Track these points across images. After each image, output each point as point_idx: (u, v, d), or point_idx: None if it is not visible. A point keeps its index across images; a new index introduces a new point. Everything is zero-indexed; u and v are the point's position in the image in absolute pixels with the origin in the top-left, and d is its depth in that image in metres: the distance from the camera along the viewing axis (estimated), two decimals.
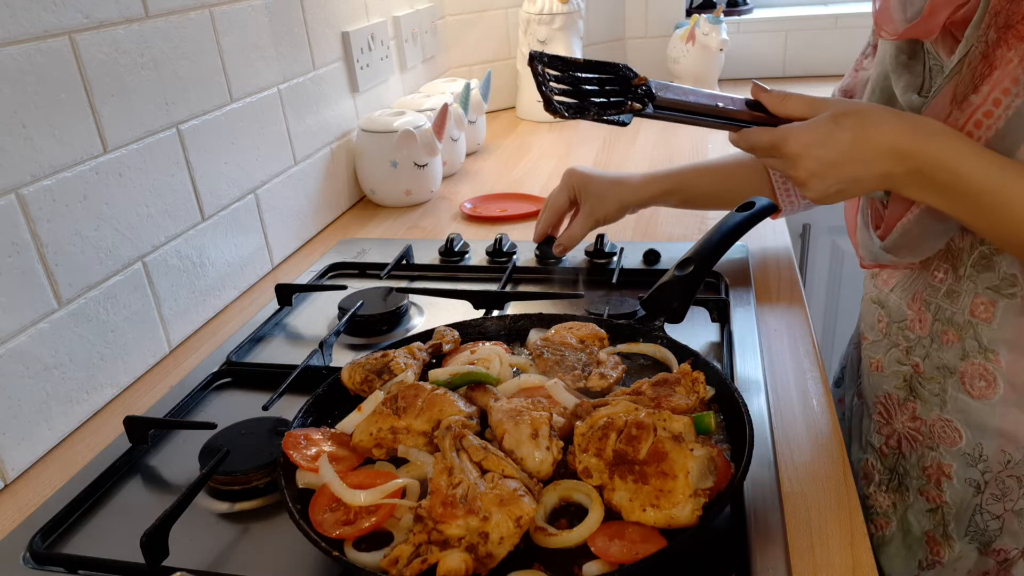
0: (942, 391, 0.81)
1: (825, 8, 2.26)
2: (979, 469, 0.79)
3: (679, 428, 0.62)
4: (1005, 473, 0.78)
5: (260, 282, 1.19)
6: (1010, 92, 0.65)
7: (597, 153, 1.72)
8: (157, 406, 0.88)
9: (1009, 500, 0.78)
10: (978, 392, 0.78)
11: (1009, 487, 0.78)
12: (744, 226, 0.89)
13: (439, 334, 0.85)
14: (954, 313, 0.78)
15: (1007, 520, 0.79)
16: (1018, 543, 0.78)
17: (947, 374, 0.80)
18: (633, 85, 0.74)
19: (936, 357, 0.81)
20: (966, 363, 0.78)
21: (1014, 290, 0.73)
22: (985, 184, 0.65)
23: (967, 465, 0.80)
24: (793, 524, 0.66)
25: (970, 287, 0.76)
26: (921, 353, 0.83)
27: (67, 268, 0.83)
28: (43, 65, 0.80)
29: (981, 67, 0.67)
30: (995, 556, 0.80)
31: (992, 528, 0.80)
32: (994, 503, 0.79)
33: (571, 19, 1.91)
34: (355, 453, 0.70)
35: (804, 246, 1.69)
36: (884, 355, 0.89)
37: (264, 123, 1.19)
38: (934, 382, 0.82)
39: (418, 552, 0.57)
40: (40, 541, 0.68)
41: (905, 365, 0.85)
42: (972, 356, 0.78)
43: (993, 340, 0.75)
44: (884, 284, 0.89)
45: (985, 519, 0.80)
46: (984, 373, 0.77)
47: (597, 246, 1.15)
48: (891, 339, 0.87)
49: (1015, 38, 0.65)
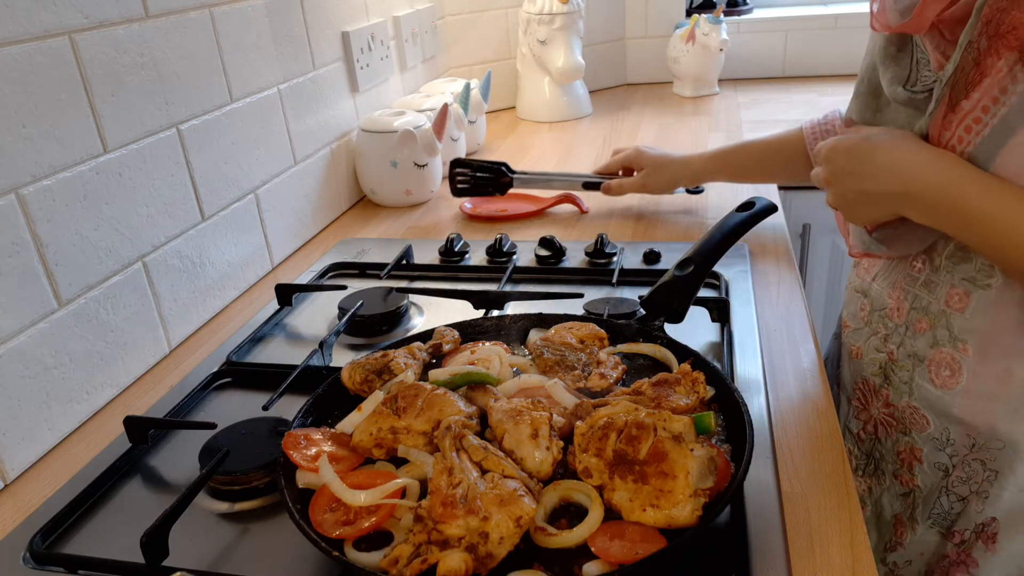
0: (910, 379, 0.84)
1: (825, 8, 2.26)
2: (947, 453, 0.82)
3: (679, 428, 0.62)
4: (971, 456, 0.80)
5: (260, 282, 1.19)
6: (998, 100, 0.67)
7: (598, 153, 1.73)
8: (157, 406, 0.88)
9: (974, 482, 0.80)
10: (941, 381, 0.80)
11: (975, 469, 0.80)
12: (744, 226, 0.89)
13: (439, 334, 0.85)
14: (930, 302, 0.81)
15: (970, 501, 0.81)
16: (970, 524, 0.81)
17: (916, 362, 0.83)
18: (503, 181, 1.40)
19: (908, 345, 0.84)
20: (935, 351, 0.80)
21: (990, 281, 0.75)
22: (986, 209, 0.67)
23: (936, 449, 0.83)
24: (793, 524, 0.66)
25: (947, 278, 0.79)
26: (896, 341, 0.85)
27: (67, 268, 0.83)
28: (43, 65, 0.80)
29: (973, 74, 0.69)
30: (953, 539, 0.82)
31: (955, 511, 0.82)
32: (960, 485, 0.82)
33: (571, 19, 1.91)
34: (355, 453, 0.70)
35: (804, 246, 1.69)
36: (864, 342, 0.91)
37: (264, 123, 1.19)
38: (904, 370, 0.84)
39: (418, 552, 0.57)
40: (40, 541, 0.68)
41: (882, 352, 0.88)
42: (941, 345, 0.80)
43: (964, 330, 0.77)
44: (866, 273, 0.91)
45: (951, 500, 0.82)
46: (950, 362, 0.79)
47: (597, 246, 1.15)
48: (872, 327, 0.89)
49: (1005, 47, 0.66)
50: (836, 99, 1.95)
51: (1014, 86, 0.66)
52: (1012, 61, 0.66)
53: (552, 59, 1.93)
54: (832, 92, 2.08)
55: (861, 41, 0.95)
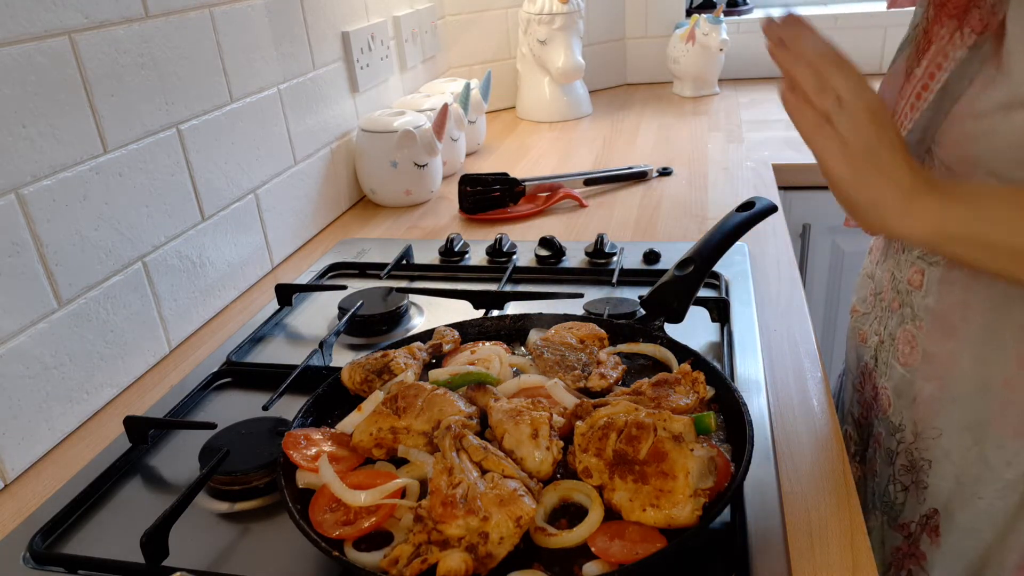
0: (886, 358, 0.85)
1: (825, 8, 2.25)
2: (896, 439, 0.83)
3: (679, 428, 0.62)
4: (915, 445, 0.81)
5: (260, 282, 1.19)
6: (941, 67, 0.69)
7: (598, 152, 1.73)
8: (157, 406, 0.88)
9: (913, 471, 0.81)
10: (904, 359, 0.82)
11: (915, 458, 0.81)
12: (744, 226, 0.88)
13: (439, 334, 0.85)
14: (899, 281, 0.82)
15: (911, 491, 0.81)
16: (915, 515, 0.81)
17: (890, 341, 0.84)
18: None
19: (888, 325, 0.85)
20: (901, 329, 0.82)
21: (937, 257, 0.76)
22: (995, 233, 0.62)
23: (888, 434, 0.84)
24: (793, 524, 0.66)
25: (909, 256, 0.80)
26: (884, 321, 0.86)
27: (67, 268, 0.83)
28: (43, 65, 0.80)
29: (923, 42, 0.72)
30: (901, 531, 0.83)
31: (899, 501, 0.83)
32: (904, 474, 0.82)
33: (571, 19, 1.91)
34: (355, 453, 0.70)
35: (804, 246, 1.69)
36: (868, 326, 0.91)
37: (264, 123, 1.19)
38: (883, 350, 0.86)
39: (418, 552, 0.57)
40: (40, 541, 0.68)
41: (878, 335, 0.88)
42: (905, 323, 0.81)
43: (920, 307, 0.79)
44: (873, 258, 0.92)
45: (895, 490, 0.83)
46: (911, 339, 0.80)
47: (597, 246, 1.15)
48: (876, 312, 0.90)
49: (946, 16, 0.69)
50: None
51: (954, 52, 0.67)
52: (952, 28, 0.68)
53: (552, 59, 1.93)
54: None
55: (861, 41, 0.95)
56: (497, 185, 1.40)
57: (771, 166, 1.55)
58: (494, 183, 1.40)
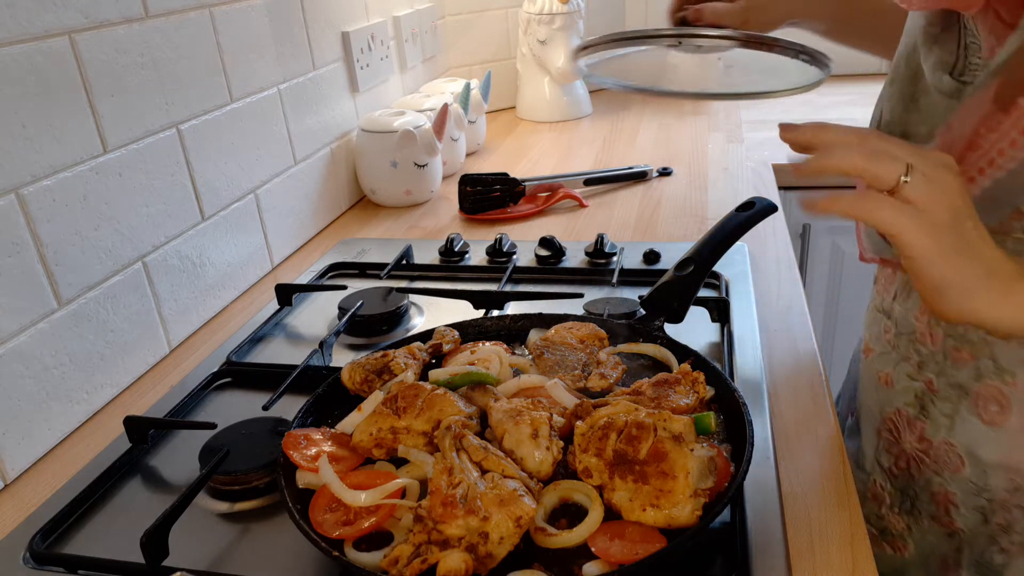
0: (954, 412, 0.75)
1: None
2: (984, 498, 0.74)
3: (679, 428, 0.62)
4: (1012, 502, 0.73)
5: (260, 282, 1.19)
6: None
7: (598, 152, 1.73)
8: (157, 406, 0.88)
9: (1016, 533, 0.73)
10: (989, 417, 0.72)
11: (1015, 518, 0.73)
12: (744, 226, 0.88)
13: (439, 334, 0.85)
14: (967, 330, 0.71)
15: (1012, 554, 0.74)
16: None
17: (962, 395, 0.74)
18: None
19: (950, 375, 0.74)
20: (980, 384, 0.72)
21: None
22: None
23: (971, 494, 0.75)
24: (793, 524, 0.66)
25: None
26: (935, 369, 0.76)
27: (67, 268, 0.83)
28: (43, 65, 0.80)
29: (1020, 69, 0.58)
30: None
31: (998, 562, 0.75)
32: (1001, 535, 0.74)
33: (571, 19, 1.91)
34: (355, 453, 0.69)
35: (804, 246, 1.69)
36: (893, 368, 0.82)
37: (264, 123, 1.19)
38: (947, 402, 0.75)
39: (418, 552, 0.57)
40: (40, 541, 0.68)
41: (917, 381, 0.79)
42: (987, 377, 0.71)
43: (1012, 360, 0.69)
44: (885, 291, 0.84)
45: (993, 551, 0.75)
46: (999, 396, 0.71)
47: (597, 246, 1.15)
48: (900, 352, 0.81)
49: None
50: (836, 99, 1.96)
51: None
52: None
53: (552, 59, 1.93)
54: (832, 92, 2.07)
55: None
56: (497, 185, 1.40)
57: (771, 166, 1.55)
58: (494, 183, 1.40)
